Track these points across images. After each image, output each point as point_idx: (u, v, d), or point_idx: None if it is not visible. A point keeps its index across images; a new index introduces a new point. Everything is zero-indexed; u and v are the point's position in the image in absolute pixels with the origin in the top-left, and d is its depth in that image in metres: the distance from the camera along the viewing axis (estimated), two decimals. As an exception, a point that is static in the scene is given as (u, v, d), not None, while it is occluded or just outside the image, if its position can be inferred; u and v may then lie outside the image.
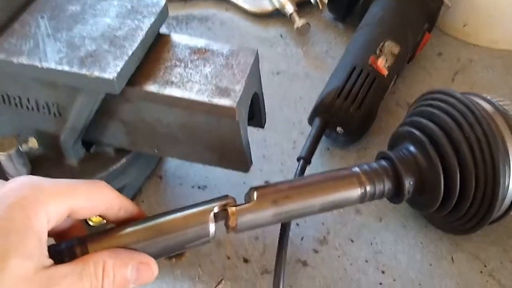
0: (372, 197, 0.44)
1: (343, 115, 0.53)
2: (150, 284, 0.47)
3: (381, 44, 0.56)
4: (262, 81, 0.47)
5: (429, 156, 0.44)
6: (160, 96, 0.42)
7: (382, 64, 0.55)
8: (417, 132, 0.45)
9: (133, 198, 0.52)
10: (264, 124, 0.51)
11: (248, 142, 0.46)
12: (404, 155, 0.45)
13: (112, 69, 0.41)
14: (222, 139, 0.44)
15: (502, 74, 0.65)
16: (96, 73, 0.40)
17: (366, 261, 0.48)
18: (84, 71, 0.40)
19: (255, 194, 0.40)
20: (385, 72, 0.55)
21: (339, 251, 0.49)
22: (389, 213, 0.51)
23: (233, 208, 0.39)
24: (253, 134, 0.47)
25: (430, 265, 0.48)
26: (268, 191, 0.41)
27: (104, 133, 0.48)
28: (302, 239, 0.50)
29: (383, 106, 0.58)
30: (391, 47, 0.56)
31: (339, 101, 0.53)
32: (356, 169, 0.44)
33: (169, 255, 0.39)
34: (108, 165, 0.49)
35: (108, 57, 0.41)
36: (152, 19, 0.45)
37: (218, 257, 0.48)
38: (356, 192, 0.43)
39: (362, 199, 0.44)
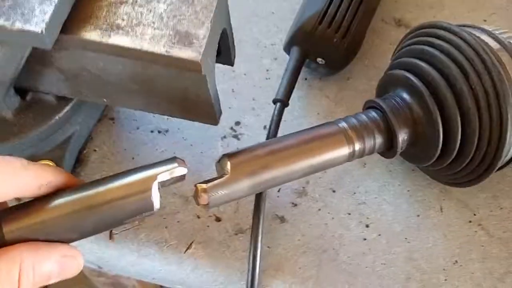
0: (361, 154, 0.39)
1: (326, 46, 0.45)
2: (110, 253, 0.43)
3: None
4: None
5: (427, 109, 0.38)
6: (104, 46, 0.34)
7: (371, -22, 0.46)
8: (415, 80, 0.38)
9: (84, 148, 0.45)
10: (234, 60, 0.43)
11: (217, 94, 0.38)
12: (398, 104, 0.39)
13: (38, 18, 0.31)
14: (184, 91, 0.37)
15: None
16: (18, 25, 0.31)
17: (349, 214, 0.44)
18: (1, 21, 0.31)
19: (228, 164, 0.34)
20: (375, -11, 0.47)
21: (319, 203, 0.44)
22: (373, 156, 0.46)
23: (203, 185, 0.34)
24: (218, 64, 0.39)
25: (418, 216, 0.44)
26: (243, 160, 0.35)
27: (39, 81, 0.39)
28: (279, 191, 0.45)
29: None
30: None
31: (321, 29, 0.44)
32: (343, 123, 0.38)
33: (105, 231, 0.33)
34: (50, 114, 0.41)
35: (31, -2, 0.32)
36: None
37: (186, 216, 0.43)
38: (344, 151, 0.37)
39: (350, 158, 0.38)
